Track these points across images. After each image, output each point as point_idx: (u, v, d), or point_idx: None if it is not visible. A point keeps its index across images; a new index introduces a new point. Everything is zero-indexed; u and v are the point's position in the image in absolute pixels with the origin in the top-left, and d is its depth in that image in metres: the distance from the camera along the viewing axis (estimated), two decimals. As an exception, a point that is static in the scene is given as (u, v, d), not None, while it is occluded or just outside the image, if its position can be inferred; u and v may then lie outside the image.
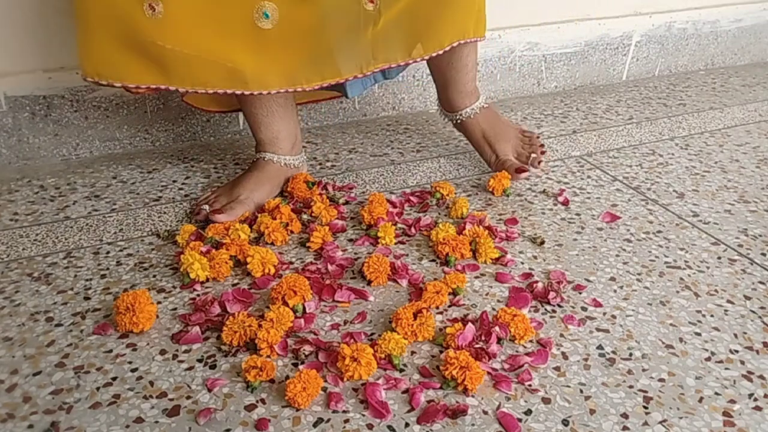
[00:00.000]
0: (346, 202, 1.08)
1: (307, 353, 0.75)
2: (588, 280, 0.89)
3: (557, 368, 0.74)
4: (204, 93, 0.93)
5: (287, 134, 1.09)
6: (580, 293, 0.87)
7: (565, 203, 1.09)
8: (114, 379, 0.72)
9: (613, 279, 0.90)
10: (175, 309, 0.83)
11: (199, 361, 0.75)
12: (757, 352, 0.78)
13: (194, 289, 0.86)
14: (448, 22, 0.99)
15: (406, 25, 0.96)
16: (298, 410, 0.68)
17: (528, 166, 1.13)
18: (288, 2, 0.89)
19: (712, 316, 0.83)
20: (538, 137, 1.19)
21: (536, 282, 0.87)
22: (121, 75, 0.90)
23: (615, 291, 0.88)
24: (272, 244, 0.96)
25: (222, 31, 0.89)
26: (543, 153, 1.15)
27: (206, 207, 1.01)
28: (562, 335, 0.79)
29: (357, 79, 1.06)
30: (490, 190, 1.10)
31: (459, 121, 1.17)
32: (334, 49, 0.94)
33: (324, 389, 0.70)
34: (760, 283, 0.90)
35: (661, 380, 0.73)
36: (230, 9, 0.88)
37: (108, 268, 0.91)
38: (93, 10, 0.87)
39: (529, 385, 0.72)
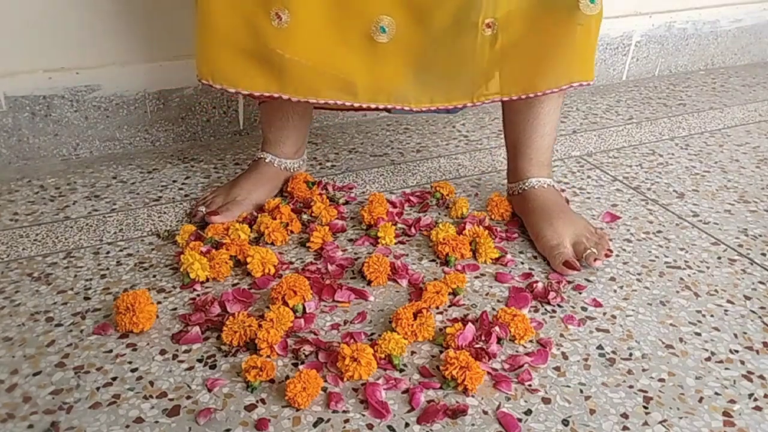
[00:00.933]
0: (346, 202, 1.08)
1: (307, 353, 0.75)
2: (588, 280, 0.89)
3: (557, 368, 0.74)
4: (313, 102, 0.92)
5: (294, 141, 1.09)
6: (580, 293, 0.87)
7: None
8: (114, 379, 0.72)
9: (613, 279, 0.90)
10: (175, 309, 0.83)
11: (199, 361, 0.75)
12: (757, 352, 0.78)
13: (194, 289, 0.86)
14: (566, 60, 0.91)
15: (523, 58, 0.90)
16: (298, 410, 0.68)
17: (579, 261, 0.91)
18: (405, 19, 0.86)
19: (712, 316, 0.83)
20: (610, 239, 0.98)
21: (536, 282, 0.87)
22: (237, 81, 0.89)
23: (615, 291, 0.87)
24: (272, 244, 0.96)
25: (340, 42, 0.87)
26: (607, 256, 0.92)
27: (202, 209, 1.01)
28: (562, 335, 0.79)
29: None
30: (488, 209, 1.04)
31: (521, 191, 1.01)
32: (446, 72, 0.91)
33: (324, 389, 0.70)
34: (760, 283, 0.90)
35: (661, 380, 0.73)
36: (350, 20, 0.86)
37: (108, 268, 0.91)
38: (218, 14, 0.85)
39: (529, 385, 0.72)
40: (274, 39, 0.85)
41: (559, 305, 0.84)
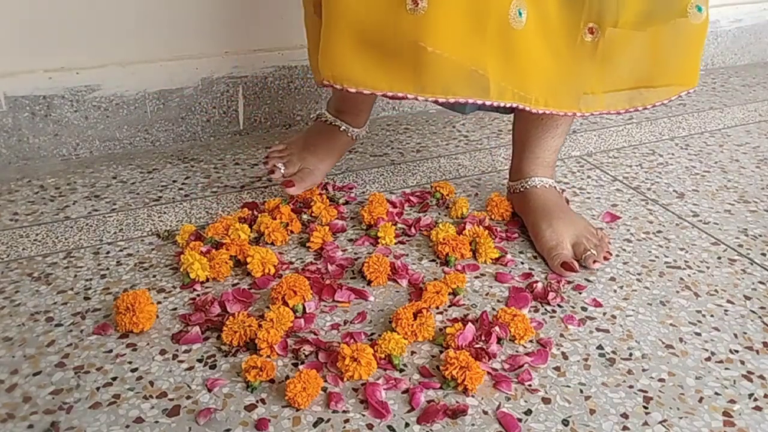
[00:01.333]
0: (346, 202, 1.08)
1: (307, 353, 0.75)
2: (588, 280, 0.89)
3: (557, 368, 0.74)
4: (444, 101, 0.83)
5: (368, 111, 1.10)
6: (580, 293, 0.87)
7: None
8: (114, 379, 0.72)
9: (613, 279, 0.90)
10: (175, 309, 0.83)
11: (199, 361, 0.75)
12: (757, 352, 0.78)
13: (194, 289, 0.86)
14: (672, 70, 0.89)
15: (628, 69, 0.88)
16: (298, 410, 0.68)
17: (578, 263, 0.91)
18: (531, 7, 0.80)
19: (712, 316, 0.83)
20: (610, 242, 0.97)
21: (536, 282, 0.87)
22: (361, 80, 0.81)
23: (615, 291, 0.87)
24: (272, 244, 0.96)
25: (476, 28, 0.79)
26: (606, 259, 0.91)
27: (281, 166, 1.03)
28: (562, 335, 0.79)
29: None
30: (488, 209, 1.04)
31: (521, 190, 1.01)
32: (557, 74, 0.86)
33: (324, 389, 0.70)
34: (760, 283, 0.90)
35: (661, 380, 0.73)
36: (489, 3, 0.78)
37: (108, 268, 0.91)
38: (350, 9, 0.78)
39: (529, 385, 0.72)
40: (412, 28, 0.76)
41: (559, 305, 0.84)
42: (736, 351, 0.78)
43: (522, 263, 0.93)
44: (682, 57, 0.89)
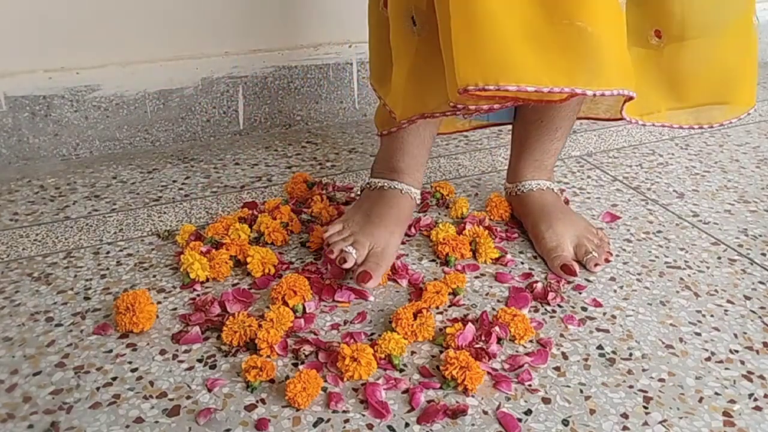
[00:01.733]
0: (346, 202, 1.08)
1: (307, 353, 0.75)
2: (588, 280, 0.89)
3: (557, 368, 0.74)
4: (610, 95, 0.70)
5: (424, 164, 0.95)
6: (580, 293, 0.87)
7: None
8: (114, 379, 0.72)
9: (613, 279, 0.90)
10: (175, 309, 0.83)
11: (199, 361, 0.75)
12: (757, 352, 0.78)
13: (194, 289, 0.86)
14: (744, 82, 0.82)
15: (699, 79, 0.82)
16: (298, 410, 0.68)
17: (580, 263, 0.90)
18: None
19: (712, 316, 0.83)
20: (609, 242, 0.96)
21: (536, 282, 0.87)
22: (521, 76, 0.67)
23: (615, 291, 0.87)
24: (272, 244, 0.96)
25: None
26: (607, 261, 0.91)
27: (351, 250, 0.84)
28: (562, 335, 0.79)
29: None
30: (488, 210, 1.04)
31: (518, 193, 1.00)
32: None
33: (324, 389, 0.70)
34: (760, 283, 0.90)
35: (661, 380, 0.73)
36: None
37: (108, 268, 0.91)
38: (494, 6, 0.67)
39: (529, 385, 0.72)
40: (575, 8, 0.66)
41: (559, 305, 0.84)
42: (736, 351, 0.78)
43: (522, 263, 0.93)
44: (746, 70, 0.83)
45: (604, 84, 0.68)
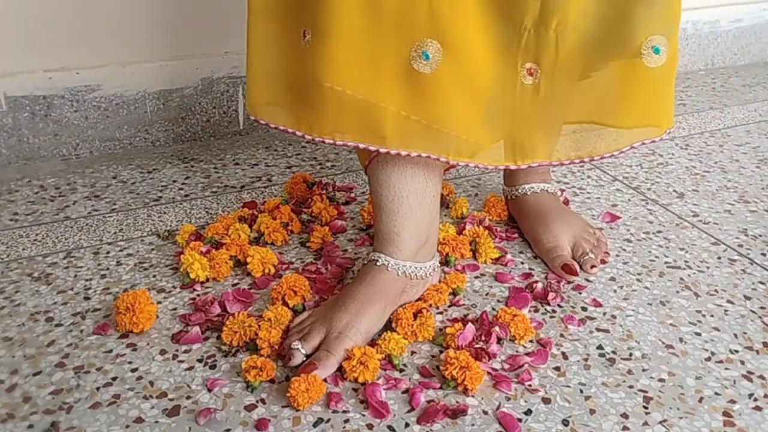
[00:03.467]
0: (346, 202, 1.08)
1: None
2: (588, 280, 0.89)
3: (557, 368, 0.74)
4: (332, 144, 0.73)
5: (414, 232, 0.81)
6: (580, 293, 0.87)
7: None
8: (114, 379, 0.72)
9: (613, 279, 0.90)
10: (175, 309, 0.83)
11: (199, 361, 0.75)
12: (757, 352, 0.78)
13: (194, 289, 0.86)
14: (628, 117, 0.77)
15: (574, 115, 0.78)
16: (297, 410, 0.68)
17: (578, 266, 0.90)
18: (452, 47, 0.68)
19: (712, 316, 0.83)
20: (607, 242, 0.96)
21: (536, 282, 0.87)
22: (267, 115, 0.77)
23: (615, 291, 0.87)
24: (272, 244, 0.96)
25: (372, 65, 0.69)
26: (604, 262, 0.92)
27: (299, 345, 0.73)
28: (562, 335, 0.79)
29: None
30: (486, 210, 1.03)
31: (515, 197, 0.99)
32: (486, 125, 0.74)
33: (324, 389, 0.70)
34: (760, 283, 0.90)
35: (661, 380, 0.73)
36: (385, 44, 0.68)
37: (108, 268, 0.91)
38: (258, 49, 0.75)
39: (529, 385, 0.72)
40: (304, 60, 0.71)
41: (559, 305, 0.84)
42: (736, 351, 0.78)
43: (522, 263, 0.93)
44: (642, 101, 0.77)
45: (325, 133, 0.72)
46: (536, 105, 0.74)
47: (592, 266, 0.89)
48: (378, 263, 0.81)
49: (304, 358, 0.73)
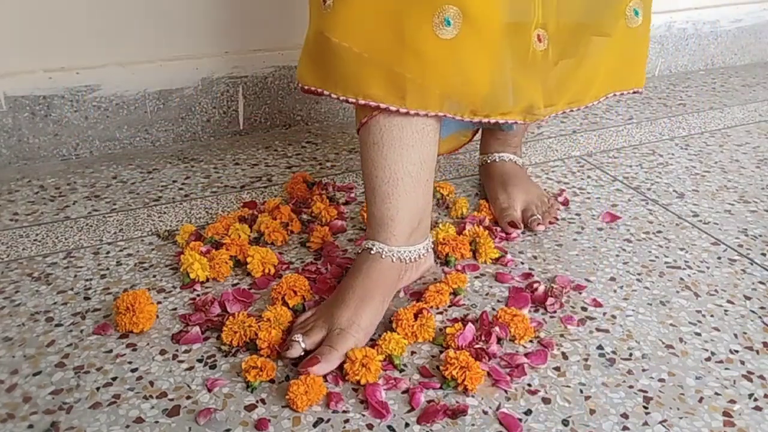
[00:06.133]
0: (346, 202, 1.08)
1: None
2: (588, 280, 0.89)
3: (557, 368, 0.74)
4: (355, 103, 0.76)
5: (408, 216, 0.81)
6: (580, 293, 0.87)
7: (565, 203, 1.09)
8: (114, 379, 0.72)
9: (613, 279, 0.90)
10: (175, 309, 0.83)
11: (199, 361, 0.75)
12: (757, 352, 0.78)
13: (194, 289, 0.86)
14: (612, 72, 0.90)
15: (571, 72, 0.86)
16: (297, 411, 0.68)
17: (522, 224, 1.00)
18: (470, 13, 0.73)
19: (712, 316, 0.83)
20: (559, 209, 1.06)
21: (536, 283, 0.87)
22: (304, 77, 0.79)
23: (615, 291, 0.87)
24: (272, 244, 0.96)
25: (393, 28, 0.73)
26: (551, 222, 1.01)
27: (300, 338, 0.74)
28: (562, 335, 0.79)
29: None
30: (480, 211, 1.03)
31: (484, 163, 1.10)
32: (501, 83, 0.80)
33: (324, 389, 0.70)
34: (760, 283, 0.90)
35: (661, 380, 0.73)
36: (407, 10, 0.72)
37: (108, 268, 0.91)
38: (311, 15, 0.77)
39: (529, 385, 0.72)
40: (322, 23, 0.75)
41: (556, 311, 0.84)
42: (736, 351, 0.78)
43: (522, 263, 0.93)
44: (627, 63, 0.91)
45: (342, 90, 0.76)
46: (547, 69, 0.83)
47: (538, 224, 0.99)
48: (372, 251, 0.81)
49: (302, 353, 0.73)
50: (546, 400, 0.70)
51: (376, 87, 0.75)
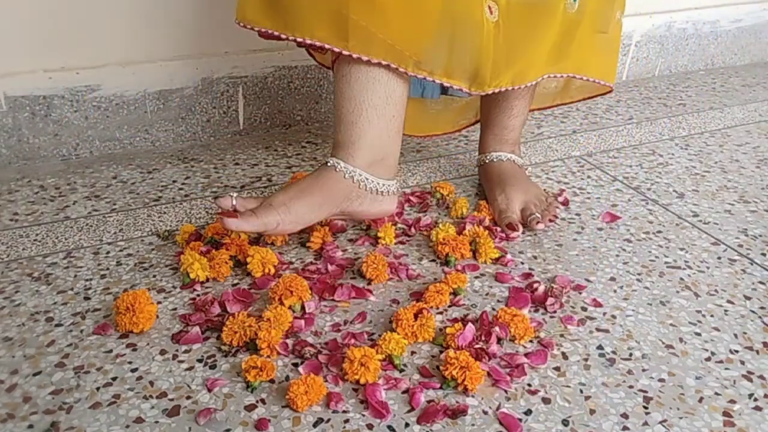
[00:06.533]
0: (346, 202, 1.08)
1: (311, 353, 0.75)
2: (588, 280, 0.89)
3: (557, 368, 0.74)
4: (302, 43, 0.83)
5: (369, 144, 0.87)
6: (580, 293, 0.87)
7: (565, 203, 1.09)
8: (114, 379, 0.72)
9: (613, 279, 0.90)
10: (175, 309, 0.83)
11: (199, 361, 0.75)
12: (757, 352, 0.78)
13: (194, 289, 0.86)
14: (560, 54, 0.95)
15: (519, 48, 0.89)
16: (297, 411, 0.68)
17: (524, 225, 1.00)
18: None
19: (712, 316, 0.83)
20: (558, 207, 1.07)
21: (536, 283, 0.87)
22: (254, 18, 0.84)
23: (615, 291, 0.87)
24: (272, 244, 0.96)
25: None
26: (551, 220, 1.02)
27: (235, 194, 0.84)
28: (562, 335, 0.79)
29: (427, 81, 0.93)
30: (479, 211, 1.04)
31: (483, 163, 1.10)
32: (446, 41, 0.84)
33: (324, 389, 0.70)
34: (760, 283, 0.90)
35: (661, 380, 0.73)
36: None
37: (108, 268, 0.91)
38: None
39: (529, 385, 0.72)
40: None
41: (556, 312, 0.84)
42: (736, 351, 0.78)
43: (522, 263, 0.93)
44: (572, 48, 0.96)
45: (302, 33, 0.81)
46: (497, 41, 0.85)
47: (537, 223, 0.98)
48: (329, 164, 0.87)
49: (231, 208, 0.82)
50: (546, 400, 0.70)
51: (322, 29, 0.80)
